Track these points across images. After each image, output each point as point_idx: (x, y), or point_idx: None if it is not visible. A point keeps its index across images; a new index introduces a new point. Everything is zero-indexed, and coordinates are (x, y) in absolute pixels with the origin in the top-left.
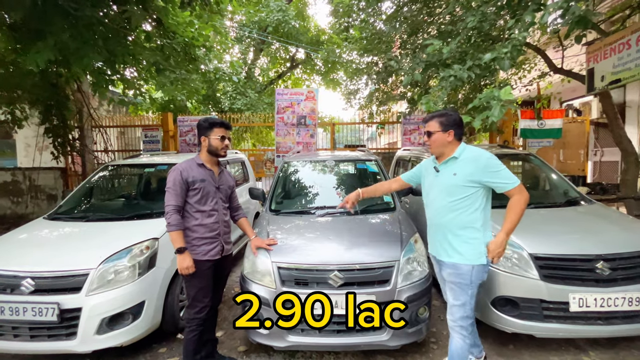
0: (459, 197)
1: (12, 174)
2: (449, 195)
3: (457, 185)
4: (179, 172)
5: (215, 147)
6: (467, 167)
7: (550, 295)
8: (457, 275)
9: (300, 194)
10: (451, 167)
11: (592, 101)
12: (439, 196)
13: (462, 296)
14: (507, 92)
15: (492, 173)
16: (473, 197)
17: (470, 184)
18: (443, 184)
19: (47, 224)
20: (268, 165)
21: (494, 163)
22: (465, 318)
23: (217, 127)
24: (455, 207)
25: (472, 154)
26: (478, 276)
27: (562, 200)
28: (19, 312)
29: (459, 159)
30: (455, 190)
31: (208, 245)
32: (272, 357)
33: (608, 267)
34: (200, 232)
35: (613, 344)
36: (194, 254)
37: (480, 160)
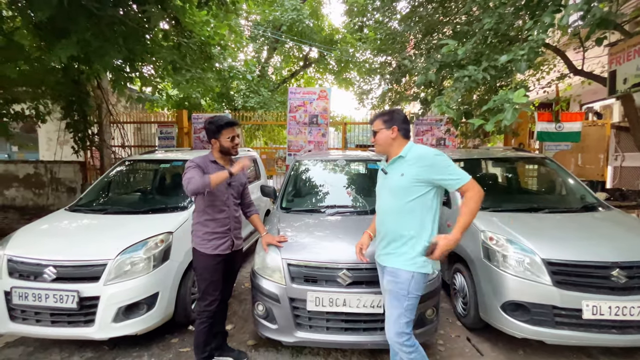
0: (407, 199)
1: (34, 166)
2: (397, 197)
3: (405, 186)
4: (196, 162)
5: (226, 148)
6: (414, 166)
7: (562, 302)
8: (395, 283)
9: (311, 192)
10: (399, 167)
11: (614, 104)
12: (387, 198)
13: (397, 307)
14: (521, 95)
15: (440, 169)
16: (423, 199)
17: (419, 184)
18: (391, 186)
19: (68, 215)
20: (279, 164)
21: (442, 159)
22: (400, 334)
23: (225, 128)
24: (404, 210)
25: (419, 152)
26: (416, 287)
27: (578, 206)
28: (42, 298)
29: (405, 158)
30: (404, 192)
31: (218, 240)
32: (280, 352)
33: (624, 275)
34: (211, 227)
35: (627, 354)
36: (204, 248)
37: (426, 158)
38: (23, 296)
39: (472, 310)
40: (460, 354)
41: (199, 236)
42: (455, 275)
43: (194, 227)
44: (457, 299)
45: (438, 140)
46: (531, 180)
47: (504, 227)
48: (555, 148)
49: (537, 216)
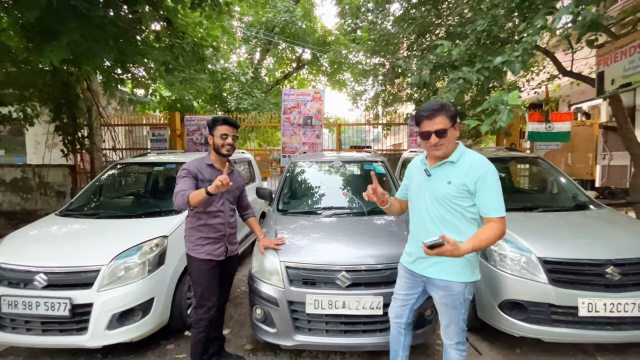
0: (451, 208)
1: (22, 170)
2: (438, 206)
3: (451, 194)
4: (189, 169)
5: (217, 145)
6: (463, 175)
7: (558, 300)
8: (449, 296)
9: (307, 194)
10: (446, 172)
11: (601, 104)
12: (430, 205)
13: (455, 316)
14: (515, 97)
15: (487, 187)
16: (468, 211)
17: (466, 195)
18: (435, 192)
19: (59, 220)
20: (274, 165)
21: (495, 178)
22: (461, 344)
23: (219, 124)
24: (448, 220)
25: (472, 159)
26: (470, 293)
27: (571, 204)
28: (32, 306)
29: (456, 163)
30: (447, 201)
31: (212, 245)
32: (279, 355)
33: (618, 272)
34: (205, 232)
35: (622, 350)
36: (197, 253)
37: (479, 168)
38: (13, 304)
39: (469, 310)
40: None
41: (192, 241)
42: None
43: (187, 232)
44: None
45: None
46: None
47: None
48: (546, 148)
49: (531, 215)
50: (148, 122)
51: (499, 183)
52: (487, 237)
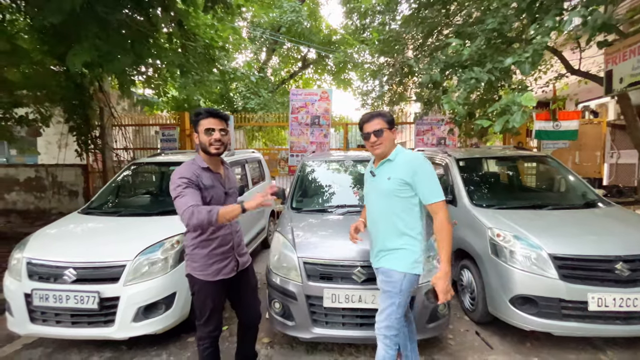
0: (395, 202)
1: (35, 170)
2: (385, 200)
3: (392, 189)
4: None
5: (203, 143)
6: (400, 170)
7: (569, 295)
8: (388, 282)
9: (319, 192)
10: (386, 170)
11: (609, 102)
12: (376, 201)
13: (389, 303)
14: (529, 98)
15: (421, 177)
16: (410, 201)
17: (405, 187)
18: (379, 189)
19: (82, 218)
20: (282, 165)
21: (427, 168)
22: (389, 327)
23: (202, 118)
24: (393, 212)
25: (407, 156)
26: (408, 285)
27: (580, 202)
28: (62, 299)
29: (394, 161)
30: (391, 195)
31: (220, 263)
32: (295, 348)
33: (628, 268)
34: (211, 248)
35: (631, 344)
36: (203, 275)
37: (413, 162)
38: (44, 298)
39: (480, 305)
40: (470, 347)
41: (196, 261)
42: (462, 271)
43: (190, 251)
44: (465, 295)
45: (439, 140)
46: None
47: (510, 223)
48: (553, 146)
49: (541, 213)
50: (157, 122)
51: (432, 173)
52: (443, 246)
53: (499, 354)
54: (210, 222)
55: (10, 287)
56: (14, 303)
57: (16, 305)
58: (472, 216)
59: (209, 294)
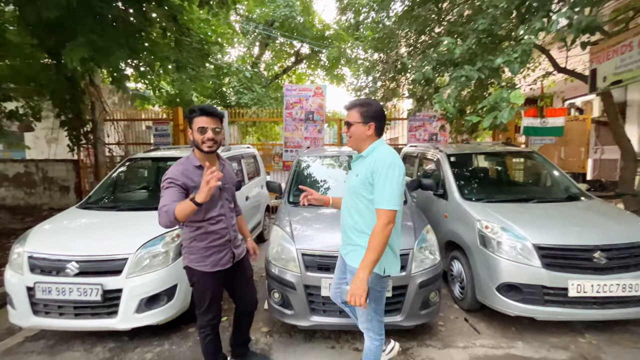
0: (359, 200)
1: (25, 165)
2: (352, 196)
3: (357, 186)
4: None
5: (196, 141)
6: (367, 168)
7: (551, 282)
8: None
9: (315, 187)
10: (358, 166)
11: (594, 100)
12: (346, 196)
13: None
14: (517, 96)
15: (377, 179)
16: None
17: (368, 187)
18: (349, 184)
19: (81, 213)
20: (276, 160)
21: (386, 173)
22: (367, 322)
23: (196, 116)
24: (356, 209)
25: (378, 155)
26: (374, 282)
27: (563, 196)
28: (65, 292)
29: (366, 158)
30: (356, 192)
31: (218, 254)
32: (294, 336)
33: (605, 257)
34: (208, 241)
35: (607, 327)
36: (201, 266)
37: (376, 162)
38: (47, 290)
39: (469, 293)
40: (459, 333)
41: (194, 253)
42: (452, 262)
43: (187, 244)
44: (455, 284)
45: (430, 136)
46: (520, 173)
47: (497, 216)
48: (540, 142)
49: (527, 206)
50: (150, 117)
51: (394, 177)
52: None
53: (485, 338)
54: (170, 220)
55: (11, 281)
56: (16, 296)
57: (18, 298)
58: (462, 209)
59: (208, 284)
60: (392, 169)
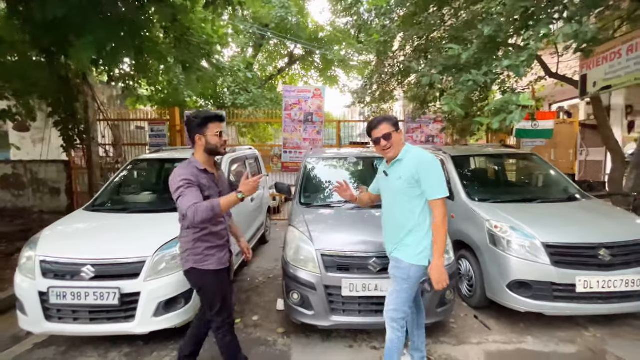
0: (406, 200)
1: (12, 166)
2: (396, 198)
3: (404, 187)
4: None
5: (214, 144)
6: (409, 169)
7: (559, 279)
8: (398, 268)
9: (326, 188)
10: (397, 170)
11: (580, 104)
12: (389, 199)
13: (397, 288)
14: (526, 99)
15: (426, 173)
16: (419, 199)
17: (414, 185)
18: (392, 188)
19: (90, 216)
20: (275, 161)
21: (432, 165)
22: (396, 310)
23: (212, 122)
24: (405, 210)
25: (415, 154)
26: (416, 274)
27: (564, 196)
28: (81, 296)
29: (403, 160)
30: (402, 193)
31: (220, 253)
32: (310, 337)
33: (609, 254)
34: (212, 241)
35: (609, 321)
36: (208, 265)
37: (420, 159)
38: (61, 295)
39: (478, 291)
40: (470, 329)
41: (200, 253)
42: (460, 261)
43: (191, 246)
44: (463, 283)
45: (427, 138)
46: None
47: (506, 216)
48: (532, 144)
49: (531, 206)
50: (142, 117)
51: (436, 170)
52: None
53: (496, 334)
54: (215, 214)
55: (22, 286)
56: (28, 302)
57: (30, 304)
58: (470, 210)
59: (217, 281)
60: (435, 163)
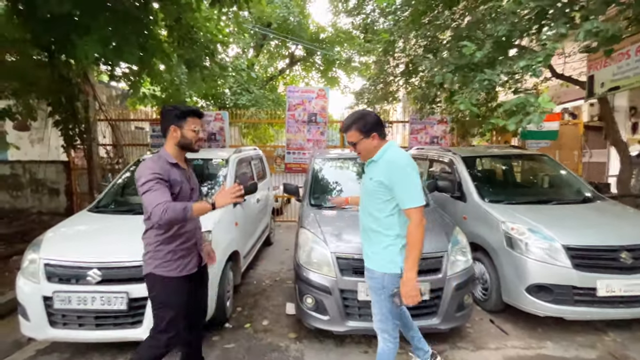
0: (374, 202)
1: (10, 167)
2: (368, 200)
3: (372, 189)
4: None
5: (190, 140)
6: (380, 171)
7: (580, 282)
8: (371, 279)
9: (335, 189)
10: (371, 170)
11: (583, 105)
12: (362, 199)
13: (376, 298)
14: (546, 100)
15: (398, 181)
16: (388, 204)
17: (384, 189)
18: (364, 188)
19: (94, 217)
20: (278, 162)
21: (405, 172)
22: (381, 321)
23: (191, 116)
24: (372, 212)
25: (390, 156)
26: (390, 282)
27: (579, 198)
28: (87, 301)
29: (377, 162)
30: (372, 195)
31: (185, 258)
32: (323, 342)
33: (631, 257)
34: (176, 244)
35: (628, 325)
36: (167, 271)
37: (393, 164)
38: (66, 300)
39: (493, 294)
40: (487, 334)
41: (160, 258)
42: (473, 263)
43: (153, 249)
44: (476, 286)
45: (432, 139)
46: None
47: (523, 217)
48: (537, 145)
49: (546, 207)
50: (141, 117)
51: (411, 176)
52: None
53: (514, 339)
54: (184, 218)
55: (25, 290)
56: (31, 306)
57: (33, 309)
58: (484, 211)
59: (175, 291)
60: (408, 169)
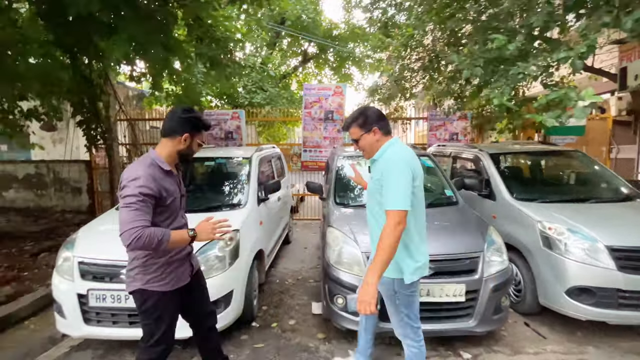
0: (376, 202)
1: (35, 166)
2: (371, 201)
3: (374, 190)
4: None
5: (194, 152)
6: (379, 170)
7: (626, 285)
8: (382, 285)
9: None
10: (373, 170)
11: (611, 99)
12: (367, 201)
13: (392, 307)
14: (591, 94)
15: (386, 180)
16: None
17: (381, 188)
18: (368, 189)
19: None
20: (295, 160)
21: (394, 173)
22: (401, 327)
23: (206, 130)
24: (377, 214)
25: (387, 155)
26: (401, 287)
27: (618, 196)
28: (121, 299)
29: (377, 161)
30: (373, 195)
31: (177, 270)
32: (352, 342)
33: None
34: (169, 256)
35: None
36: (160, 285)
37: (387, 163)
38: (101, 298)
39: (528, 296)
40: (523, 338)
41: (150, 273)
42: None
43: (141, 263)
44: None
45: (451, 135)
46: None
47: (561, 217)
48: (562, 141)
49: (584, 206)
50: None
51: (399, 178)
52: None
53: (553, 344)
54: (156, 249)
55: (60, 288)
56: (66, 304)
57: (68, 306)
58: (516, 210)
59: (166, 306)
60: (397, 168)
